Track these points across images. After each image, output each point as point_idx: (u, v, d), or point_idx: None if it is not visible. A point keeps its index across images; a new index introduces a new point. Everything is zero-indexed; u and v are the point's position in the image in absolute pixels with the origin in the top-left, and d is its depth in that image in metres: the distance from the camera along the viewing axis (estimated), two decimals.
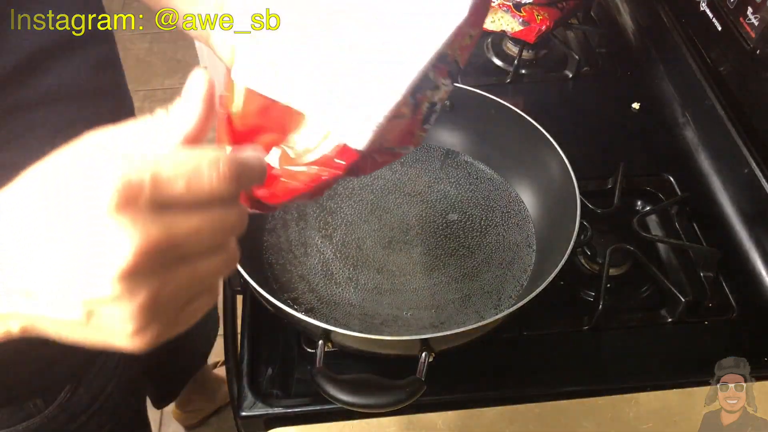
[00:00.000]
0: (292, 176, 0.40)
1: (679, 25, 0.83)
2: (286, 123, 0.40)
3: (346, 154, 0.39)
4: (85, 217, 0.24)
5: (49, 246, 0.25)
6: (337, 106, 0.39)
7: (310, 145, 0.40)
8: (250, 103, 0.39)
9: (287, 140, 0.41)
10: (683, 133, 0.80)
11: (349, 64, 0.38)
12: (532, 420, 0.56)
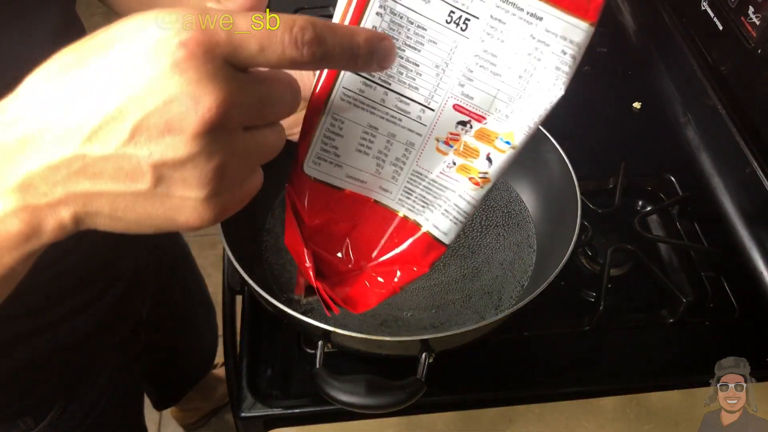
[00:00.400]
0: (377, 280, 0.39)
1: (680, 24, 0.83)
2: (359, 213, 0.39)
3: (432, 248, 0.38)
4: (159, 68, 0.22)
5: (113, 105, 0.23)
6: (420, 197, 0.38)
7: (391, 238, 0.39)
8: (319, 197, 0.38)
9: (362, 232, 0.40)
10: (684, 132, 0.80)
11: (427, 153, 0.37)
12: (533, 421, 0.56)
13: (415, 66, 0.35)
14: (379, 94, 0.36)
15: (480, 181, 0.36)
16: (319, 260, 0.39)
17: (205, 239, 1.59)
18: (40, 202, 0.24)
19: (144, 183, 0.24)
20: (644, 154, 0.78)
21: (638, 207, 0.74)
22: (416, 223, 0.39)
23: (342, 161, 0.37)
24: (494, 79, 0.36)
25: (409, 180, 0.39)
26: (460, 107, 0.36)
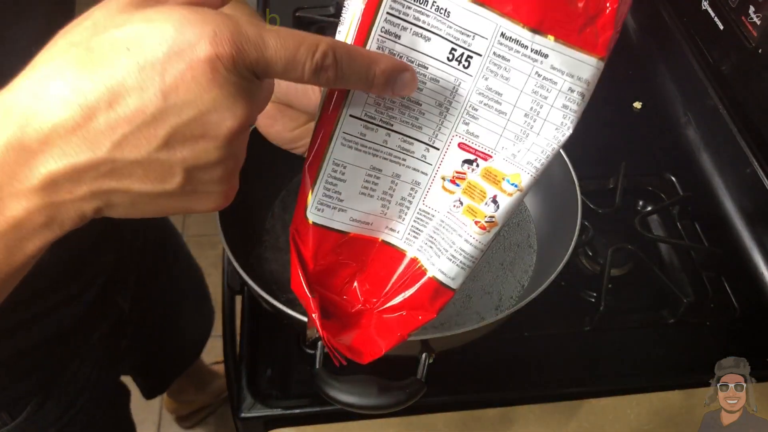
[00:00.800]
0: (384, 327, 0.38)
1: (681, 24, 0.82)
2: (365, 254, 0.39)
3: (440, 294, 0.37)
4: (198, 81, 0.24)
5: (148, 113, 0.24)
6: (427, 240, 0.38)
7: (398, 281, 0.38)
8: (324, 241, 0.37)
9: (369, 273, 0.39)
10: (685, 132, 0.80)
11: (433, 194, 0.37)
12: (533, 421, 0.56)
13: (418, 105, 0.34)
14: (381, 136, 0.35)
15: (486, 225, 0.35)
16: (327, 301, 0.39)
17: (205, 239, 1.59)
18: (63, 198, 0.25)
19: (173, 184, 0.26)
20: (644, 154, 0.78)
21: (638, 207, 0.74)
22: (423, 267, 0.37)
23: (346, 205, 0.36)
24: (499, 117, 0.35)
25: (416, 219, 0.38)
26: (465, 146, 0.36)
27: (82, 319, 0.61)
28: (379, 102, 0.34)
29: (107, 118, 0.24)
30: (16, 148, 0.24)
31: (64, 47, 0.25)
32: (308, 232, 0.37)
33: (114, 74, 0.23)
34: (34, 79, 0.24)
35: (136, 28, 0.24)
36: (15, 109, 0.24)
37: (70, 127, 0.24)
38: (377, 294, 0.39)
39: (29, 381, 0.59)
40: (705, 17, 0.76)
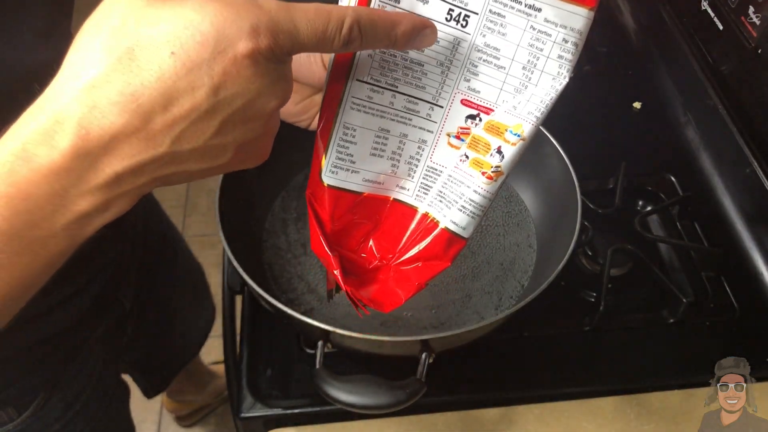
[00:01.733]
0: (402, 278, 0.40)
1: (681, 24, 0.83)
2: (379, 212, 0.40)
3: (453, 243, 0.39)
4: (242, 72, 0.26)
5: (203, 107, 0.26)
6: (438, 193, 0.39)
7: (412, 235, 0.40)
8: (340, 202, 0.39)
9: (384, 230, 0.40)
10: (685, 132, 0.80)
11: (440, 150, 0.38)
12: (533, 421, 0.56)
13: (420, 66, 0.36)
14: (387, 98, 0.36)
15: (493, 174, 0.37)
16: (345, 260, 0.40)
17: (205, 239, 1.59)
18: (127, 189, 0.27)
19: (225, 158, 0.29)
20: (644, 154, 0.78)
21: (638, 207, 0.74)
22: (435, 220, 0.39)
23: (358, 167, 0.38)
24: (498, 72, 0.36)
25: (424, 176, 0.39)
26: (468, 101, 0.37)
27: (86, 314, 0.61)
28: (383, 65, 0.35)
29: (164, 119, 0.25)
30: (80, 155, 0.25)
31: (100, 51, 0.25)
32: (324, 195, 0.38)
33: (164, 79, 0.25)
34: (78, 87, 0.25)
35: (173, 27, 0.25)
36: (68, 120, 0.25)
37: (129, 132, 0.25)
38: (393, 250, 0.40)
39: (36, 376, 0.59)
40: (705, 17, 0.76)
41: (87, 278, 0.61)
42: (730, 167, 0.72)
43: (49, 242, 0.27)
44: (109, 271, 0.64)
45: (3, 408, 0.58)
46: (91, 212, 0.27)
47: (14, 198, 0.25)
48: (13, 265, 0.27)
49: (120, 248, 0.67)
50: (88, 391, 0.66)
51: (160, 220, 0.85)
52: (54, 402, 0.62)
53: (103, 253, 0.63)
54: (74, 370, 0.63)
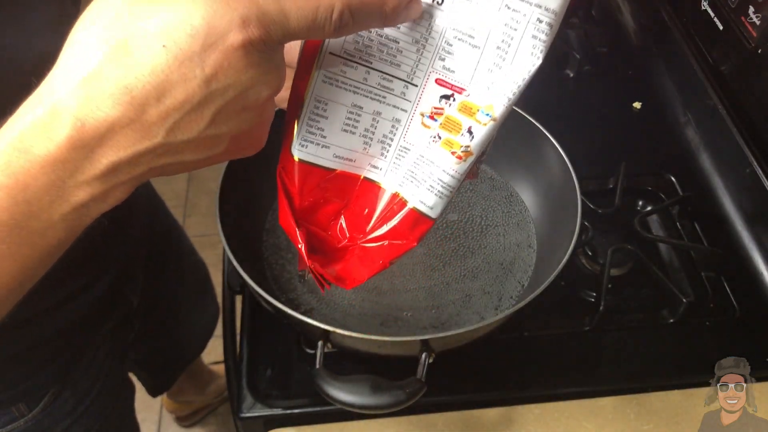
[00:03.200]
0: (368, 255, 0.40)
1: (681, 24, 0.83)
2: (349, 190, 0.40)
3: (420, 223, 0.39)
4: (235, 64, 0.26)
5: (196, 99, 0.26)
6: (407, 173, 0.39)
7: (380, 215, 0.40)
8: (309, 177, 0.38)
9: (353, 209, 0.40)
10: (685, 132, 0.80)
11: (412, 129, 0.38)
12: (533, 421, 0.56)
13: (395, 43, 0.35)
14: (360, 74, 0.36)
15: (463, 155, 0.37)
16: (314, 237, 0.40)
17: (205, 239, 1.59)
18: (123, 179, 0.28)
19: (220, 148, 0.29)
20: (644, 154, 0.78)
21: (638, 207, 0.74)
22: (404, 199, 0.39)
23: (329, 142, 0.38)
24: (473, 51, 0.36)
25: (397, 156, 0.39)
26: (442, 81, 0.37)
27: (95, 310, 0.62)
28: (358, 40, 0.35)
29: (158, 110, 0.25)
30: (77, 146, 0.26)
31: (95, 45, 0.25)
32: (294, 169, 0.38)
33: (157, 72, 0.25)
34: (74, 80, 0.25)
35: (165, 20, 0.25)
36: (64, 112, 0.25)
37: (125, 123, 0.25)
38: (362, 229, 0.40)
39: (46, 372, 0.60)
40: (705, 17, 0.76)
41: (96, 274, 0.61)
42: (729, 167, 0.72)
43: (47, 233, 0.28)
44: (117, 266, 0.65)
45: (14, 404, 0.59)
46: (89, 202, 0.28)
47: (13, 189, 0.26)
48: (14, 255, 0.28)
49: (127, 245, 0.67)
50: (97, 387, 0.66)
51: (165, 217, 0.86)
52: (64, 398, 0.63)
53: (112, 249, 0.64)
54: (83, 366, 0.64)
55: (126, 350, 0.75)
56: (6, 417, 0.59)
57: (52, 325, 0.58)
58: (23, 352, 0.57)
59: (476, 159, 0.37)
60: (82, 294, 0.60)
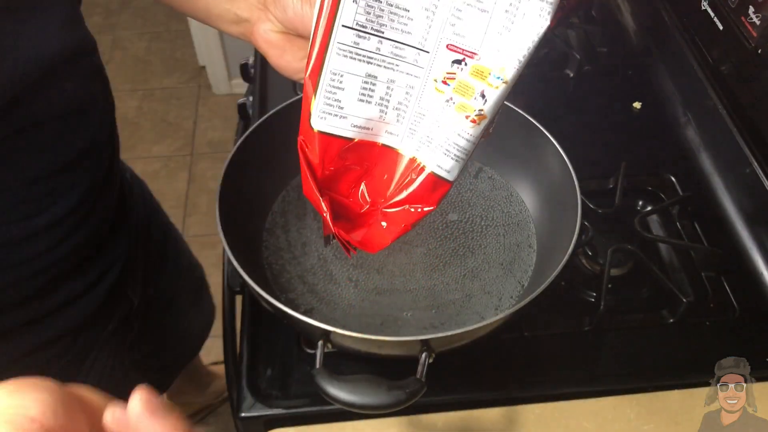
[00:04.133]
0: (390, 220, 0.41)
1: (681, 24, 0.83)
2: (369, 158, 0.41)
3: (438, 186, 0.40)
4: None
5: None
6: (424, 138, 0.40)
7: (400, 180, 0.41)
8: (329, 148, 0.40)
9: (374, 175, 0.41)
10: (685, 132, 0.80)
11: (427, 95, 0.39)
12: (533, 421, 0.56)
13: (406, 11, 0.36)
14: (373, 44, 0.37)
15: (477, 118, 0.38)
16: (337, 205, 0.41)
17: (206, 239, 1.59)
18: None
19: None
20: (644, 154, 0.78)
21: (638, 207, 0.74)
22: (422, 164, 0.40)
23: (346, 112, 0.39)
24: (482, 15, 0.36)
25: (413, 122, 0.40)
26: (454, 46, 0.37)
27: (98, 309, 0.63)
28: (369, 11, 0.36)
29: None
30: None
31: None
32: (314, 140, 0.39)
33: None
34: None
35: None
36: None
37: None
38: (383, 195, 0.42)
39: (52, 372, 0.60)
40: (704, 17, 0.76)
41: (99, 273, 0.62)
42: (729, 167, 0.72)
43: None
44: (118, 266, 0.65)
45: None
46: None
47: None
48: None
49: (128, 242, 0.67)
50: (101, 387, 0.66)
51: (162, 218, 0.86)
52: None
53: (114, 249, 0.64)
54: (87, 366, 0.64)
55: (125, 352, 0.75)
56: None
57: (58, 325, 0.59)
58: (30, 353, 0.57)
59: (490, 122, 0.38)
60: (88, 293, 0.61)
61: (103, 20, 2.26)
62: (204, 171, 1.81)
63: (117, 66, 2.10)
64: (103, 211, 0.58)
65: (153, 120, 1.95)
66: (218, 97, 2.02)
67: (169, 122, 1.95)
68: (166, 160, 1.84)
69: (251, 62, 0.93)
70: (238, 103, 0.88)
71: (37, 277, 0.54)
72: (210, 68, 1.97)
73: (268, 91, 0.84)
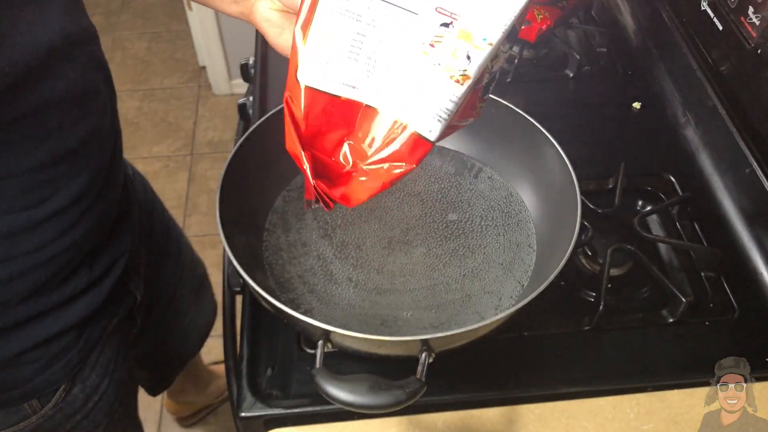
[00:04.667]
0: (370, 176, 0.41)
1: (680, 24, 0.83)
2: (353, 118, 0.41)
3: (419, 145, 0.40)
4: None
5: None
6: (407, 98, 0.40)
7: (383, 139, 0.41)
8: (315, 104, 0.40)
9: (357, 136, 0.41)
10: (684, 132, 0.80)
11: (413, 54, 0.39)
12: (533, 421, 0.56)
13: None
14: (364, 3, 0.37)
15: (461, 78, 0.38)
16: (320, 163, 0.41)
17: (206, 239, 1.59)
18: None
19: None
20: (644, 154, 0.78)
21: (638, 207, 0.74)
22: (404, 124, 0.40)
23: (333, 69, 0.39)
24: None
25: (398, 82, 0.40)
26: (442, 9, 0.38)
27: (103, 304, 0.63)
28: None
29: None
30: None
31: None
32: (299, 94, 0.39)
33: None
34: None
35: None
36: None
37: None
38: (365, 154, 0.42)
39: (57, 368, 0.61)
40: (704, 18, 0.76)
41: (104, 268, 0.62)
42: (729, 167, 0.72)
43: None
44: (122, 261, 0.65)
45: (27, 400, 0.60)
46: None
47: None
48: None
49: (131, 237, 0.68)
50: (105, 383, 0.67)
51: (163, 215, 0.87)
52: (74, 394, 0.64)
53: (117, 244, 0.64)
54: (92, 362, 0.65)
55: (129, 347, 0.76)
56: (19, 414, 0.61)
57: (63, 319, 0.59)
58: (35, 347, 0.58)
59: (474, 84, 0.39)
60: (93, 288, 0.61)
61: (104, 20, 2.26)
62: (204, 171, 1.81)
63: (117, 66, 2.10)
64: (106, 205, 0.59)
65: (153, 120, 1.95)
66: (218, 97, 2.02)
67: (170, 122, 1.95)
68: (167, 160, 1.84)
69: (251, 62, 0.93)
70: (239, 103, 0.88)
71: (42, 269, 0.54)
72: (210, 68, 1.97)
73: (268, 91, 0.84)
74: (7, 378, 0.58)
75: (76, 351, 0.62)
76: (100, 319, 0.64)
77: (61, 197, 0.52)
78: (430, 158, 0.71)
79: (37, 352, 0.58)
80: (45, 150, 0.49)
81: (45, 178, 0.51)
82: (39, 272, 0.54)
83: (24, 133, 0.47)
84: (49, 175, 0.51)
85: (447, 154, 0.71)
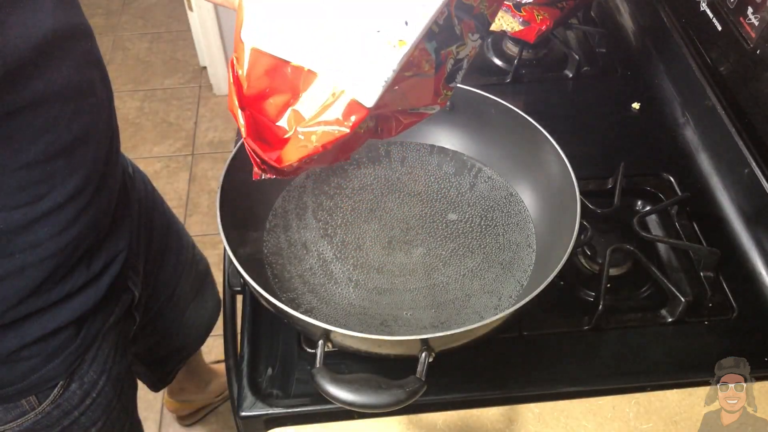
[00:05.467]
0: (304, 138, 0.41)
1: (680, 25, 0.83)
2: (296, 83, 0.41)
3: (354, 111, 0.40)
4: None
5: None
6: (345, 63, 0.40)
7: (321, 104, 0.41)
8: (258, 65, 0.40)
9: (298, 101, 0.41)
10: (683, 133, 0.80)
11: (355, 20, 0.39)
12: (532, 420, 0.56)
13: None
14: None
15: (398, 43, 0.38)
16: (263, 127, 0.41)
17: (206, 239, 1.59)
18: None
19: None
20: (644, 154, 0.79)
21: (637, 207, 0.74)
22: (342, 89, 0.40)
23: (279, 30, 0.39)
24: None
25: (341, 48, 0.40)
26: None
27: (101, 301, 0.63)
28: None
29: None
30: None
31: None
32: (243, 54, 0.39)
33: None
34: None
35: None
36: None
37: None
38: (303, 119, 0.41)
39: (56, 364, 0.61)
40: (703, 18, 0.76)
41: (102, 265, 0.62)
42: (728, 167, 0.72)
43: None
44: (121, 258, 0.65)
45: (25, 396, 0.60)
46: None
47: None
48: None
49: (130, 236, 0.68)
50: (103, 380, 0.67)
51: (164, 211, 0.87)
52: (72, 390, 0.64)
53: (116, 241, 0.64)
54: (90, 358, 0.65)
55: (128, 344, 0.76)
56: (17, 410, 0.61)
57: (62, 316, 0.59)
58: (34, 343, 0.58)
59: (411, 49, 0.38)
60: (91, 284, 0.61)
61: (104, 21, 2.26)
62: (205, 171, 1.81)
63: (118, 67, 2.10)
64: (104, 202, 0.59)
65: (154, 120, 1.95)
66: (219, 97, 2.02)
67: (170, 123, 1.95)
68: (167, 161, 1.85)
69: None
70: None
71: (40, 266, 0.55)
72: (211, 69, 1.98)
73: None
74: (5, 374, 0.58)
75: (74, 347, 0.62)
76: (98, 315, 0.64)
77: (57, 194, 0.53)
78: (430, 158, 0.72)
79: (35, 349, 0.58)
80: (40, 146, 0.50)
81: (40, 174, 0.51)
82: (36, 270, 0.55)
83: (19, 128, 0.48)
84: (44, 172, 0.51)
85: (447, 154, 0.72)
